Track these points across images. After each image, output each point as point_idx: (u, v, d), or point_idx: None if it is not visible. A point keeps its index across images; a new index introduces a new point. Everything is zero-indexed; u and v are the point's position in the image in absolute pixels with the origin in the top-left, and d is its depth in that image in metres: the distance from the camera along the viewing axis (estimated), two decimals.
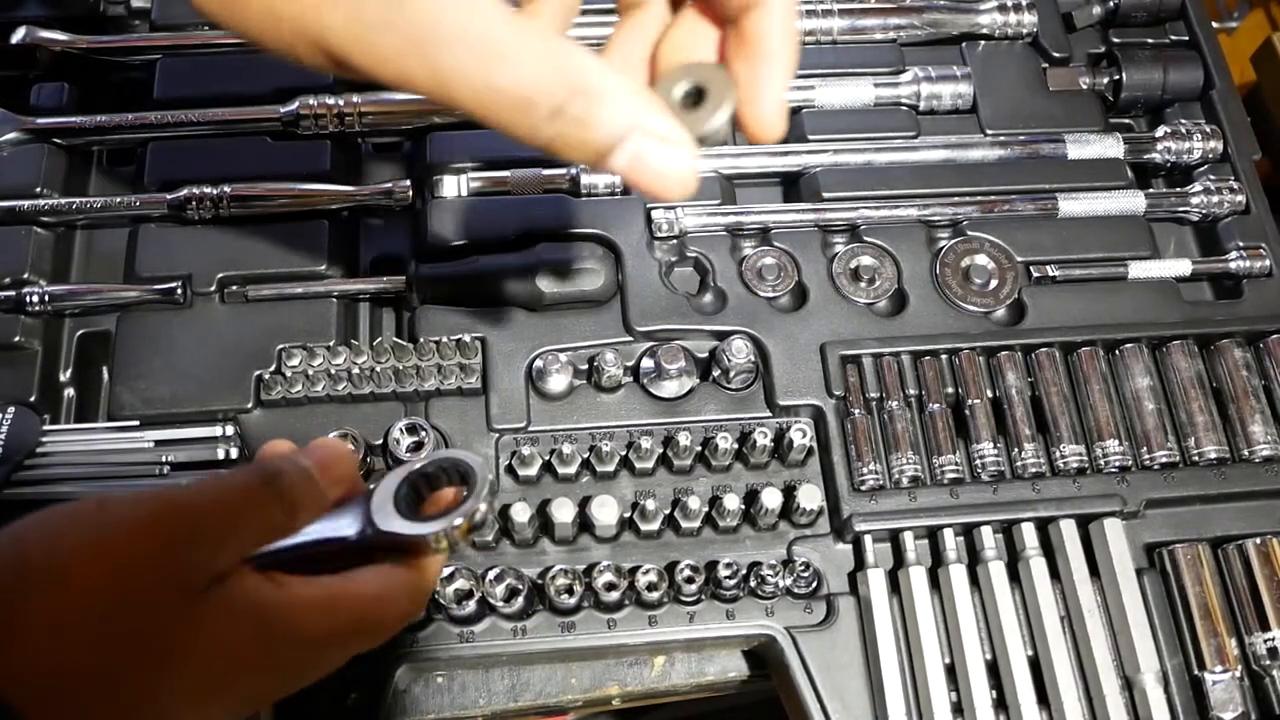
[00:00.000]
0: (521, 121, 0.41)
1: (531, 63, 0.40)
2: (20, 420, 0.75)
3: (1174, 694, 0.72)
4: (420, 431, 0.75)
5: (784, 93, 0.45)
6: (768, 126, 0.46)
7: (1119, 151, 0.92)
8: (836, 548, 0.76)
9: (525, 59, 0.40)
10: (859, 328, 0.83)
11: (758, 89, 0.45)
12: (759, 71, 0.45)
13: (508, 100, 0.40)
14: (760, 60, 0.45)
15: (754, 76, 0.45)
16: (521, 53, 0.40)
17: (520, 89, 0.40)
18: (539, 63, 0.40)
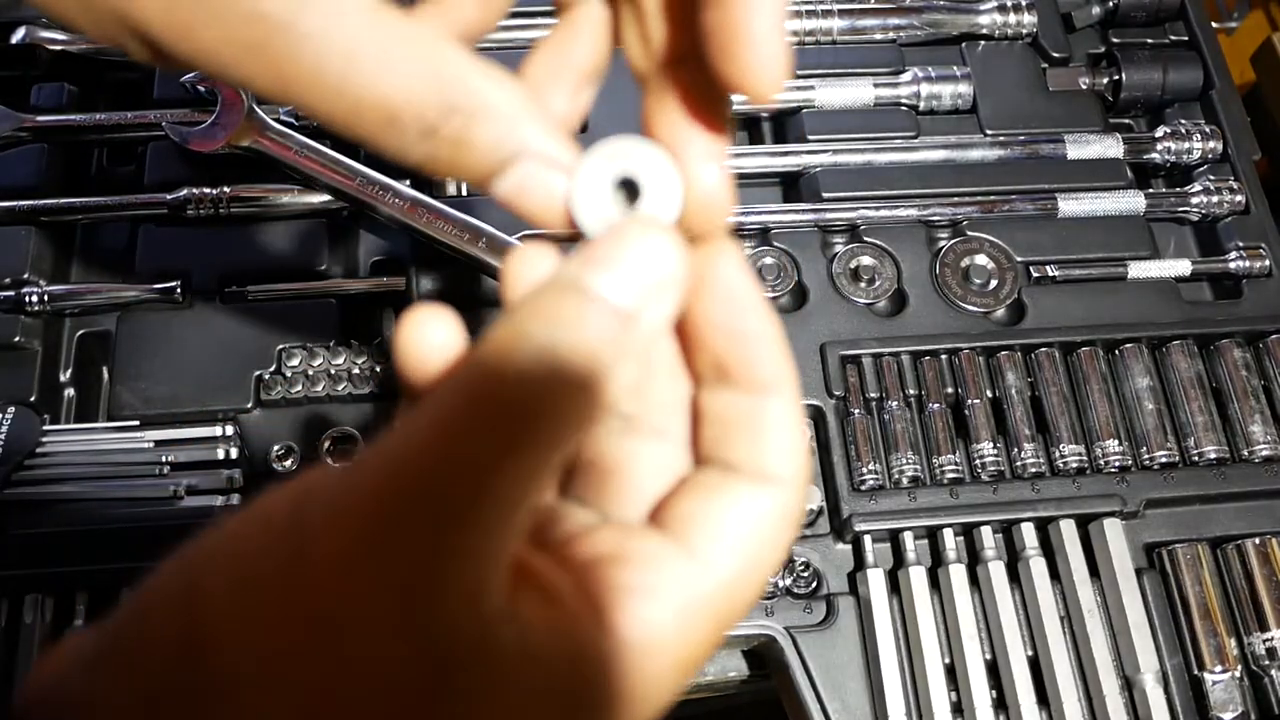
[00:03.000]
0: (387, 138, 0.33)
1: (396, 72, 0.32)
2: (20, 420, 0.75)
3: (1174, 694, 0.72)
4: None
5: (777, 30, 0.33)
6: (764, 77, 0.33)
7: (1119, 151, 0.92)
8: (836, 548, 0.76)
9: (389, 67, 0.32)
10: (859, 328, 0.83)
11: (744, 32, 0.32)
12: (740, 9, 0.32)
13: (368, 113, 0.32)
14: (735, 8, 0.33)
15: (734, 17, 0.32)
16: (384, 59, 0.32)
17: (383, 101, 0.32)
18: (406, 72, 0.32)
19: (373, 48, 0.32)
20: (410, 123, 0.32)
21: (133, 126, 0.86)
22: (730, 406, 0.36)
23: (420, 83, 0.32)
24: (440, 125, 0.33)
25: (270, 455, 0.75)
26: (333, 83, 0.32)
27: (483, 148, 0.33)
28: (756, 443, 0.35)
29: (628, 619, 0.32)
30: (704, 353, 0.36)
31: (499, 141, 0.33)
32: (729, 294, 0.35)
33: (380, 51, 0.32)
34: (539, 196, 0.34)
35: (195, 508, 0.74)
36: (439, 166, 0.34)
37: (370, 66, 0.32)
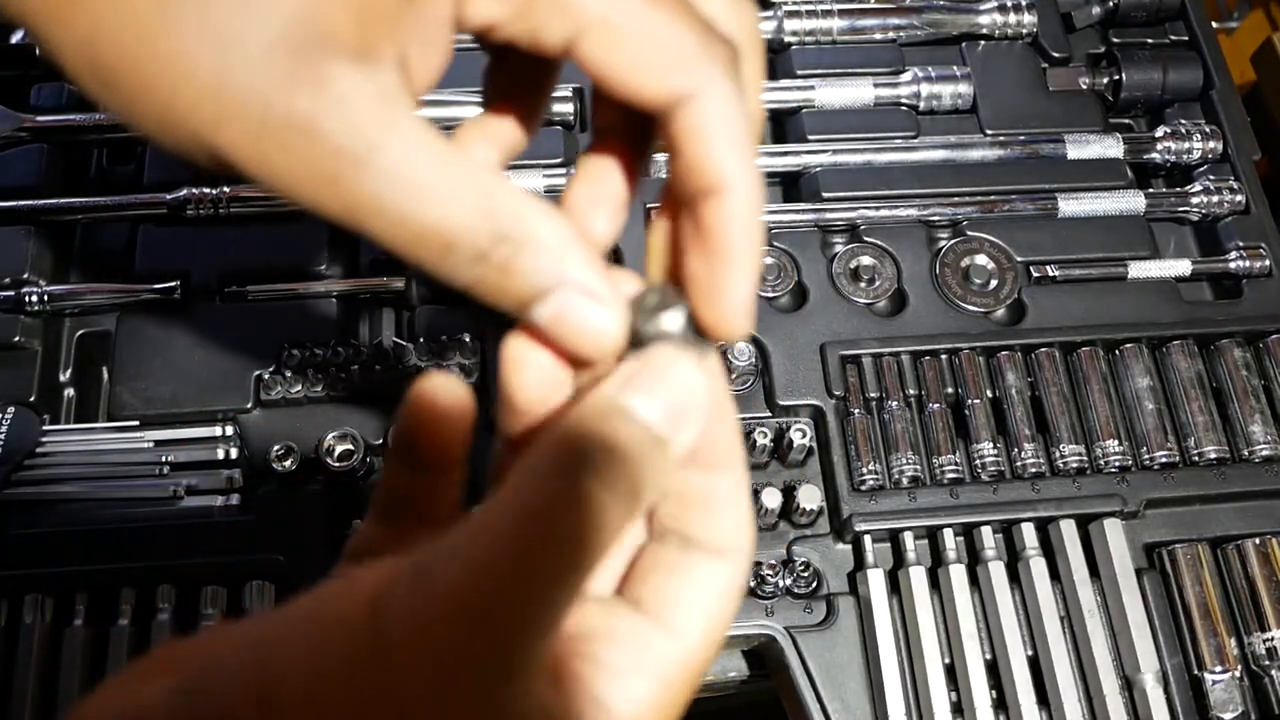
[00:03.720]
0: (441, 263, 0.35)
1: (456, 204, 0.34)
2: (20, 420, 0.75)
3: (1174, 694, 0.72)
4: None
5: (746, 290, 0.38)
6: (727, 325, 0.38)
7: (1119, 151, 0.92)
8: (836, 548, 0.76)
9: (449, 199, 0.34)
10: (859, 328, 0.83)
11: (717, 288, 0.38)
12: (716, 270, 0.38)
13: (428, 240, 0.35)
14: (718, 258, 0.37)
15: (711, 274, 0.38)
16: (445, 192, 0.34)
17: (441, 230, 0.34)
18: (464, 204, 0.35)
19: (437, 182, 0.34)
20: (464, 250, 0.35)
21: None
22: (685, 485, 0.38)
23: (476, 214, 0.35)
24: (490, 253, 0.35)
25: (270, 455, 0.75)
26: (399, 213, 0.34)
27: (527, 275, 0.36)
28: (712, 518, 0.38)
29: (617, 695, 0.35)
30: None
31: (543, 270, 0.36)
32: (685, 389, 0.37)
33: (444, 186, 0.34)
34: (575, 324, 0.36)
35: (195, 508, 0.74)
36: (485, 289, 0.36)
37: (434, 199, 0.34)
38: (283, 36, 0.33)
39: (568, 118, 0.89)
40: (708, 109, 0.36)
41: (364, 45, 0.34)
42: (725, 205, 0.37)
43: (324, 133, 0.33)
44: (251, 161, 0.34)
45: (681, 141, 0.37)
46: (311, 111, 0.33)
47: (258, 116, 0.33)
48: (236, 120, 0.33)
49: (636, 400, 0.34)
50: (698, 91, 0.36)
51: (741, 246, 0.37)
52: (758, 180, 0.38)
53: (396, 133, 0.34)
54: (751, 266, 0.38)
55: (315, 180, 0.34)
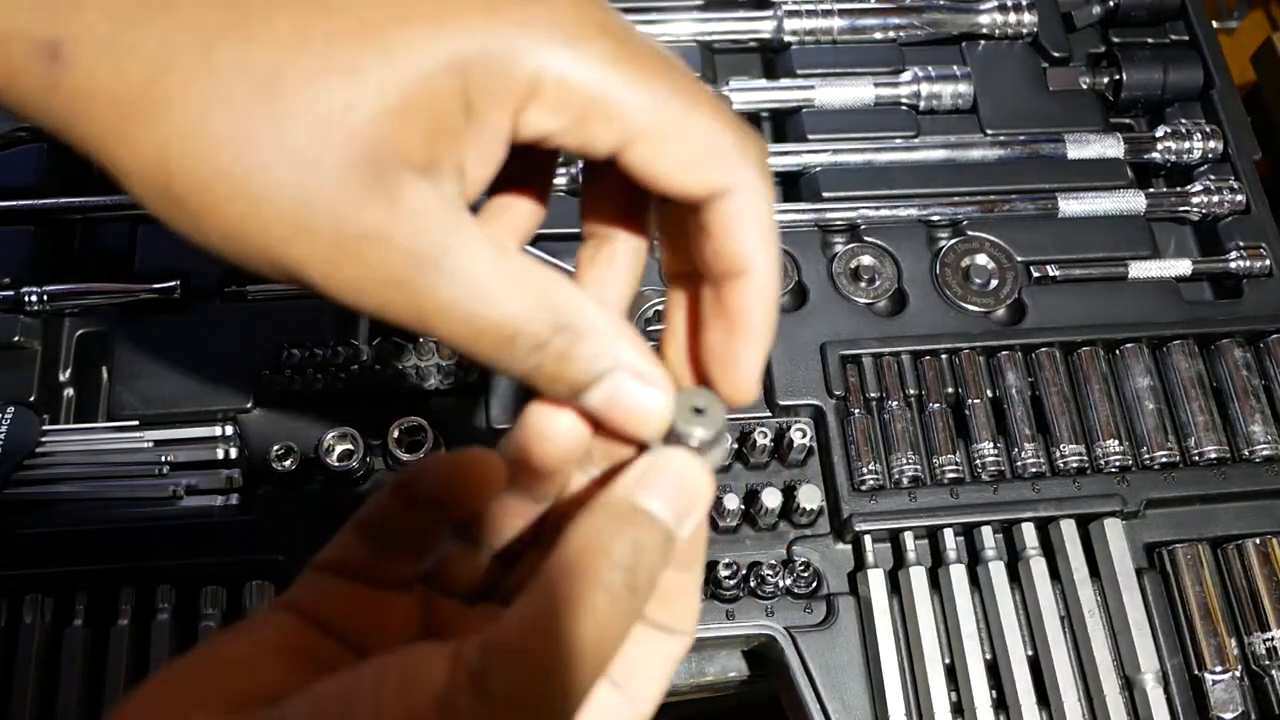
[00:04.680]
0: (502, 355, 0.38)
1: (518, 299, 0.37)
2: (20, 420, 0.75)
3: (1174, 694, 0.72)
4: (419, 431, 0.75)
5: (760, 363, 0.42)
6: (741, 394, 0.42)
7: (1119, 151, 0.92)
8: (836, 548, 0.76)
9: (512, 295, 0.37)
10: (859, 328, 0.83)
11: (734, 360, 0.42)
12: (735, 344, 0.41)
13: (491, 335, 0.37)
14: (738, 332, 0.41)
15: (730, 347, 0.41)
16: (508, 288, 0.37)
17: (505, 326, 0.37)
18: (525, 298, 0.37)
19: (500, 280, 0.37)
20: (525, 341, 0.38)
21: None
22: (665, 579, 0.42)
23: (537, 307, 0.37)
24: (550, 342, 0.38)
25: (270, 455, 0.75)
26: (466, 311, 0.37)
27: (583, 361, 0.39)
28: (674, 607, 0.42)
29: None
30: None
31: (598, 356, 0.39)
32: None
33: (507, 282, 0.37)
34: (628, 405, 0.40)
35: (195, 508, 0.74)
36: (542, 377, 0.39)
37: (498, 296, 0.37)
38: (359, 156, 0.34)
39: None
40: (742, 202, 0.39)
41: (431, 160, 0.36)
42: (750, 287, 0.40)
43: (397, 243, 0.35)
44: (323, 274, 0.36)
45: (715, 229, 0.40)
46: (386, 223, 0.35)
47: (333, 232, 0.35)
48: (310, 236, 0.35)
49: (655, 502, 0.37)
50: (734, 186, 0.39)
51: (760, 324, 0.41)
52: (779, 265, 0.41)
53: (462, 237, 0.36)
54: (767, 342, 0.41)
55: (386, 286, 0.36)
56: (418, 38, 0.35)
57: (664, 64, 0.39)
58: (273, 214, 0.35)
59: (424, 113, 0.35)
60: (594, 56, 0.37)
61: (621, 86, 0.37)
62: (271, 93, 0.34)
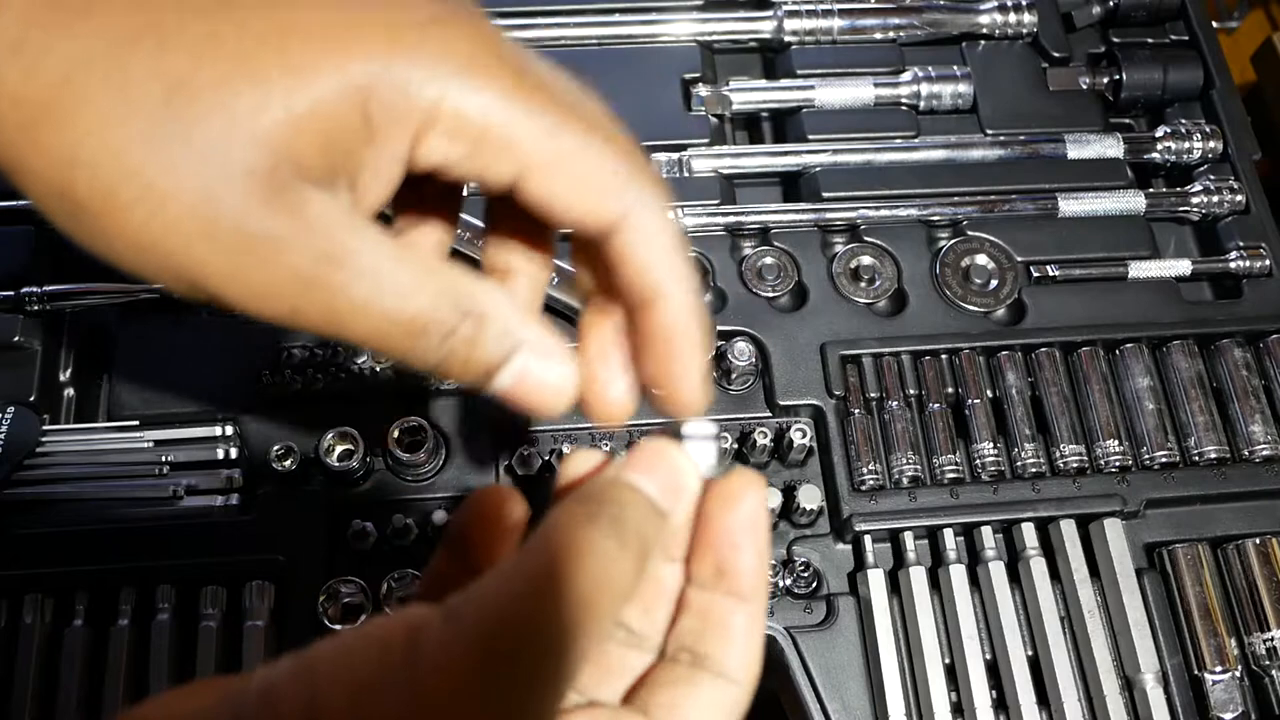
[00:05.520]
0: (416, 346, 0.40)
1: (424, 291, 0.39)
2: (20, 420, 0.75)
3: (1174, 694, 0.72)
4: (420, 431, 0.75)
5: (696, 375, 0.43)
6: (686, 408, 0.44)
7: (1119, 151, 0.92)
8: (836, 548, 0.76)
9: (418, 288, 0.39)
10: (859, 328, 0.83)
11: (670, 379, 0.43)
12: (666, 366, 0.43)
13: (403, 328, 0.39)
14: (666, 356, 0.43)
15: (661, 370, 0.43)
16: (414, 282, 0.39)
17: (415, 317, 0.39)
18: (431, 290, 0.39)
19: (404, 274, 0.39)
20: (434, 331, 0.39)
21: None
22: (712, 606, 0.43)
23: (442, 297, 0.39)
24: (457, 329, 0.40)
25: (270, 455, 0.75)
26: (374, 307, 0.38)
27: (489, 344, 0.41)
28: (726, 644, 0.42)
29: None
30: (710, 556, 0.42)
31: (503, 336, 0.41)
32: (747, 516, 0.42)
33: (410, 277, 0.39)
34: (536, 382, 0.42)
35: (195, 508, 0.74)
36: (453, 365, 0.41)
37: (404, 289, 0.39)
38: (262, 162, 0.36)
39: None
40: (640, 229, 0.41)
41: (328, 172, 0.37)
42: (665, 311, 0.42)
43: (300, 246, 0.37)
44: (225, 277, 0.37)
45: (621, 259, 0.41)
46: (287, 228, 0.36)
47: (236, 235, 0.36)
48: (214, 239, 0.36)
49: (636, 475, 0.39)
50: (629, 214, 0.41)
51: (685, 345, 0.42)
52: (692, 284, 0.42)
53: (365, 240, 0.38)
54: (698, 359, 0.43)
55: (293, 289, 0.37)
56: (323, 56, 0.36)
57: (561, 96, 0.40)
58: (176, 217, 0.35)
59: (323, 127, 0.36)
60: (489, 88, 0.38)
61: (515, 117, 0.38)
62: (181, 97, 0.35)
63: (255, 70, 0.36)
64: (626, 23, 0.93)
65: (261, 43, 0.36)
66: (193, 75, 0.35)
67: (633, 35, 0.93)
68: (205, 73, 0.35)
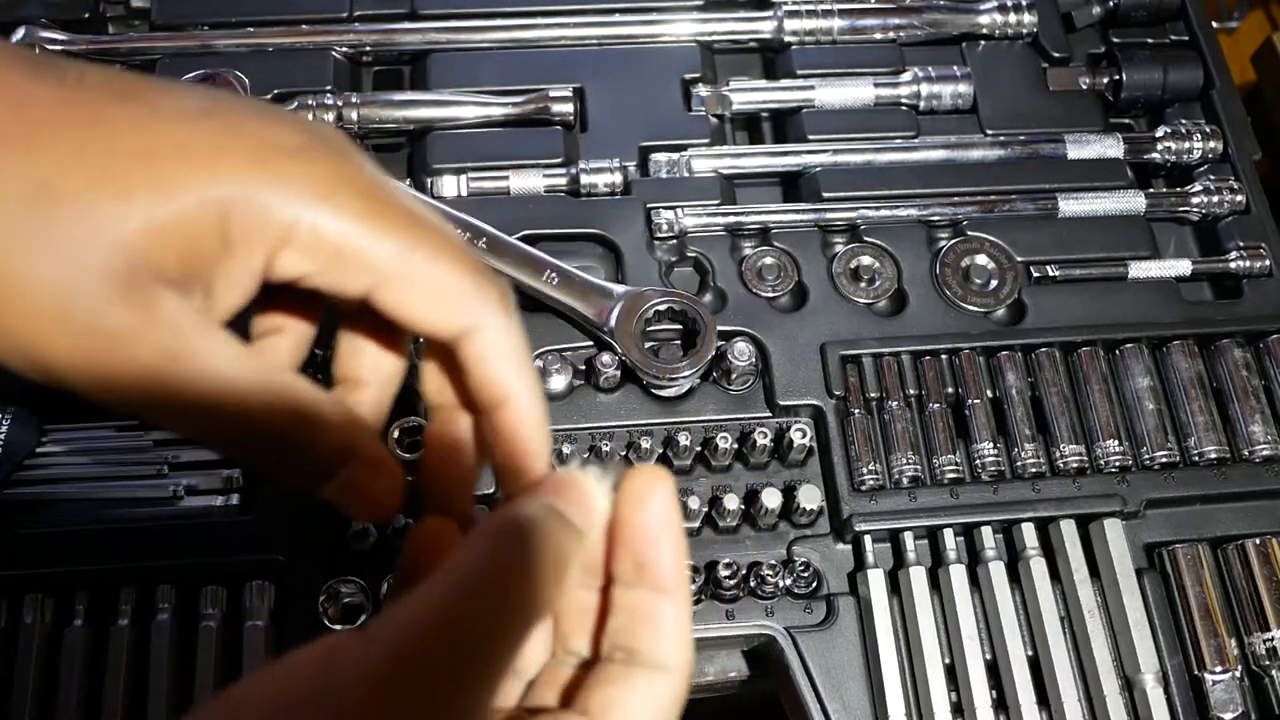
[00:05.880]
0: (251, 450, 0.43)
1: (262, 398, 0.42)
2: (20, 420, 0.75)
3: (1174, 694, 0.72)
4: (420, 431, 0.75)
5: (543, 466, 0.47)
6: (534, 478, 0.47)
7: (1119, 151, 0.92)
8: (836, 548, 0.76)
9: (256, 394, 0.42)
10: (859, 328, 0.83)
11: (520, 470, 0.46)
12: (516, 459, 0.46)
13: (238, 431, 0.42)
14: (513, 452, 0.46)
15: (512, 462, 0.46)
16: (253, 389, 0.42)
17: (250, 423, 0.42)
18: (268, 398, 0.42)
19: (245, 381, 0.42)
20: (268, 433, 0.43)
21: None
22: (637, 602, 0.44)
23: (280, 405, 0.42)
24: (290, 435, 0.43)
25: None
26: (214, 403, 0.41)
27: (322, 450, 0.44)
28: (655, 635, 0.44)
29: None
30: (628, 554, 0.44)
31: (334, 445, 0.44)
32: (658, 511, 0.43)
33: (252, 384, 0.42)
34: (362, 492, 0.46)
35: (195, 508, 0.74)
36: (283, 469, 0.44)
37: (243, 395, 0.41)
38: (119, 266, 0.39)
39: (567, 118, 0.89)
40: (488, 338, 0.45)
41: (184, 278, 0.40)
42: (513, 414, 0.46)
43: (148, 340, 0.39)
44: (74, 366, 0.39)
45: (470, 365, 0.45)
46: (138, 325, 0.39)
47: (88, 328, 0.39)
48: (68, 330, 0.39)
49: (550, 499, 0.41)
50: (478, 325, 0.44)
51: (531, 444, 0.46)
52: (537, 388, 0.46)
53: (212, 342, 0.41)
54: (543, 455, 0.47)
55: (139, 381, 0.40)
56: (188, 173, 0.39)
57: (411, 218, 0.43)
58: (33, 305, 0.38)
59: (182, 238, 0.40)
60: (344, 212, 0.42)
61: (367, 238, 0.42)
62: (47, 199, 0.38)
63: (120, 182, 0.38)
64: (626, 23, 0.93)
65: (130, 156, 0.39)
66: (58, 180, 0.38)
67: (633, 35, 0.93)
68: (70, 180, 0.38)
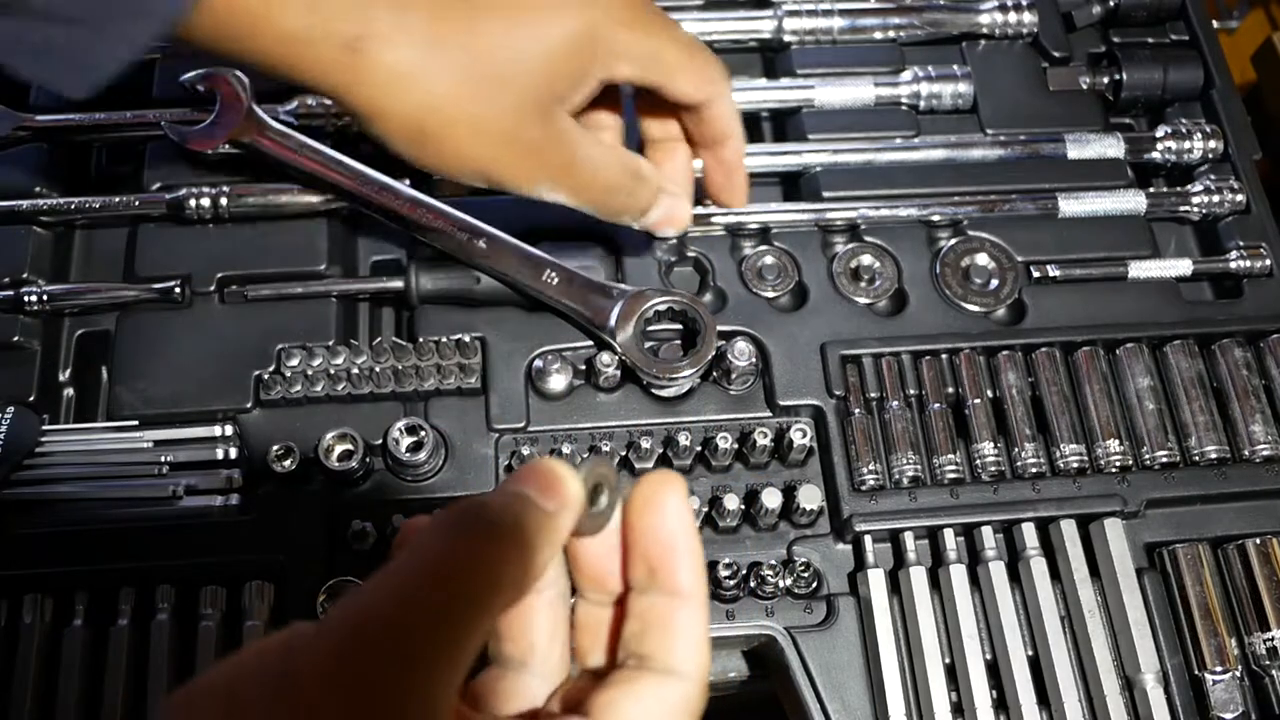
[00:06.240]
0: (609, 202, 0.71)
1: (613, 167, 0.70)
2: (20, 420, 0.75)
3: (1174, 694, 0.72)
4: (420, 431, 0.75)
5: (745, 183, 0.75)
6: (736, 197, 0.77)
7: (1119, 151, 0.92)
8: (836, 548, 0.76)
9: (610, 165, 0.70)
10: (859, 328, 0.83)
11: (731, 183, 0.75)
12: (730, 175, 0.75)
13: (603, 191, 0.70)
14: (730, 168, 0.75)
15: (726, 178, 0.75)
16: (607, 162, 0.70)
17: (609, 183, 0.70)
18: (616, 166, 0.70)
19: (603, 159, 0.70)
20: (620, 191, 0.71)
21: (132, 126, 0.86)
22: (652, 607, 0.44)
23: (624, 172, 0.71)
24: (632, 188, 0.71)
25: (269, 455, 0.75)
26: (591, 182, 0.69)
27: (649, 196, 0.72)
28: (667, 640, 0.43)
29: None
30: (641, 560, 0.44)
31: (655, 192, 0.72)
32: (670, 515, 0.44)
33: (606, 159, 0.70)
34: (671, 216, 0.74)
35: (194, 508, 0.74)
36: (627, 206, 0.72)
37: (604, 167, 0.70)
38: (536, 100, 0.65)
39: None
40: (727, 100, 0.72)
41: (568, 95, 0.66)
42: (733, 146, 0.74)
43: (554, 149, 0.67)
44: (511, 169, 0.66)
45: (710, 117, 0.72)
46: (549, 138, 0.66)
47: (521, 144, 0.65)
48: (507, 149, 0.65)
49: (518, 485, 0.41)
50: (721, 93, 0.71)
51: (741, 166, 0.75)
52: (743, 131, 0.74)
53: (584, 138, 0.68)
54: (745, 176, 0.75)
55: (547, 174, 0.67)
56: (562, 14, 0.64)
57: (677, 30, 0.69)
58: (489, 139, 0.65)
59: (571, 62, 0.65)
60: (653, 30, 0.67)
61: (666, 48, 0.68)
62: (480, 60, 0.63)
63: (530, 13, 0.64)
64: None
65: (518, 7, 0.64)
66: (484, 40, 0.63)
67: None
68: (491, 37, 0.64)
